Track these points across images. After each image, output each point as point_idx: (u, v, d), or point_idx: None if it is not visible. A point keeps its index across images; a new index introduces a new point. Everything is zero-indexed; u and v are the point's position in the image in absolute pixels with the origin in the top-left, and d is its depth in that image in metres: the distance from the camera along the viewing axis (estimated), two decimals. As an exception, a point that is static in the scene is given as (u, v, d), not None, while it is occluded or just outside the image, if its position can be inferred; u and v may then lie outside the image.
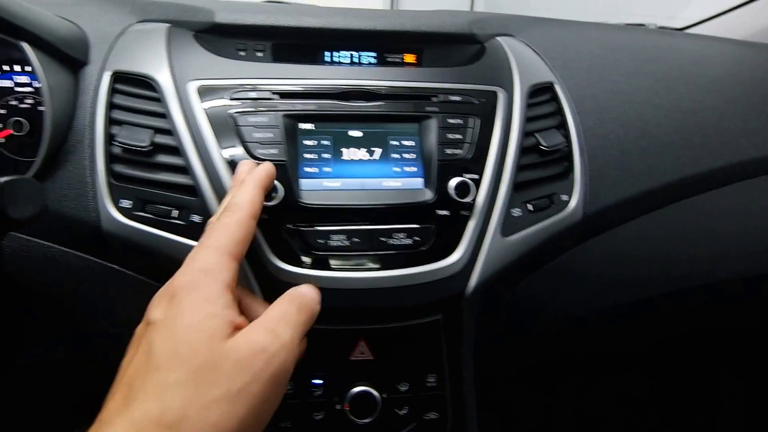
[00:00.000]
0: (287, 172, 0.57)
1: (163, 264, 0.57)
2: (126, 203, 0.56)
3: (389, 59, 0.67)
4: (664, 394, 1.12)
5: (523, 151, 0.63)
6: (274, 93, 0.60)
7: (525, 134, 0.64)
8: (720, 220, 0.73)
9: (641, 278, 0.71)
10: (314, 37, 0.65)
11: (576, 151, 0.66)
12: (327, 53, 0.66)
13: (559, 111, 0.68)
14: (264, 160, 0.57)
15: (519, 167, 0.62)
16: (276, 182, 0.55)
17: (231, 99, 0.59)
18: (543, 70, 0.71)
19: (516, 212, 0.61)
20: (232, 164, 0.57)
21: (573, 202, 0.64)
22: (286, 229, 0.56)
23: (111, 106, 0.60)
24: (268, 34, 0.64)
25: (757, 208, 0.74)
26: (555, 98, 0.69)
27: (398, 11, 0.80)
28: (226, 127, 0.58)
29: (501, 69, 0.68)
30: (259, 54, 0.64)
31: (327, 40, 0.65)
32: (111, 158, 0.58)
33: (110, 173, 0.57)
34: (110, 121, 0.59)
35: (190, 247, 0.55)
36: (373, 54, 0.66)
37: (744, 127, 0.75)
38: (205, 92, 0.59)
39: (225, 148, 0.57)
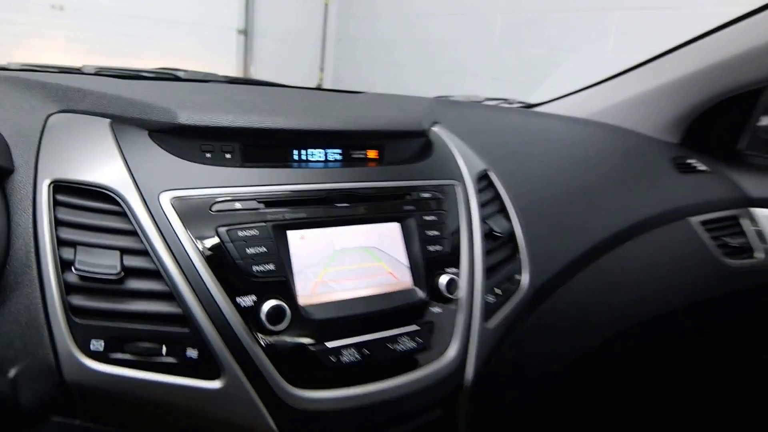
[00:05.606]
0: (289, 290, 0.54)
1: (156, 413, 0.49)
2: (97, 345, 0.47)
3: (354, 155, 0.68)
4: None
5: (483, 238, 0.69)
6: (258, 202, 0.56)
7: (482, 221, 0.70)
8: (633, 268, 0.89)
9: (585, 326, 0.84)
10: (283, 137, 0.63)
11: (519, 232, 0.75)
12: (296, 151, 0.64)
13: (498, 196, 0.76)
14: (263, 279, 0.53)
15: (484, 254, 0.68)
16: (281, 303, 0.52)
17: (214, 211, 0.54)
18: (477, 159, 0.79)
19: (490, 298, 0.67)
20: (227, 286, 0.51)
21: (525, 279, 0.72)
22: (295, 351, 0.52)
23: (57, 222, 0.49)
24: (235, 135, 0.60)
25: (658, 255, 0.93)
26: (492, 184, 0.77)
27: (356, 105, 0.81)
28: (214, 244, 0.52)
29: (449, 161, 0.74)
30: (228, 156, 0.59)
31: (295, 139, 0.64)
32: (68, 289, 0.47)
33: (69, 309, 0.47)
34: (59, 243, 0.49)
35: (188, 389, 0.49)
36: (339, 150, 0.67)
37: (620, 197, 0.94)
38: (181, 205, 0.53)
39: (216, 268, 0.51)
